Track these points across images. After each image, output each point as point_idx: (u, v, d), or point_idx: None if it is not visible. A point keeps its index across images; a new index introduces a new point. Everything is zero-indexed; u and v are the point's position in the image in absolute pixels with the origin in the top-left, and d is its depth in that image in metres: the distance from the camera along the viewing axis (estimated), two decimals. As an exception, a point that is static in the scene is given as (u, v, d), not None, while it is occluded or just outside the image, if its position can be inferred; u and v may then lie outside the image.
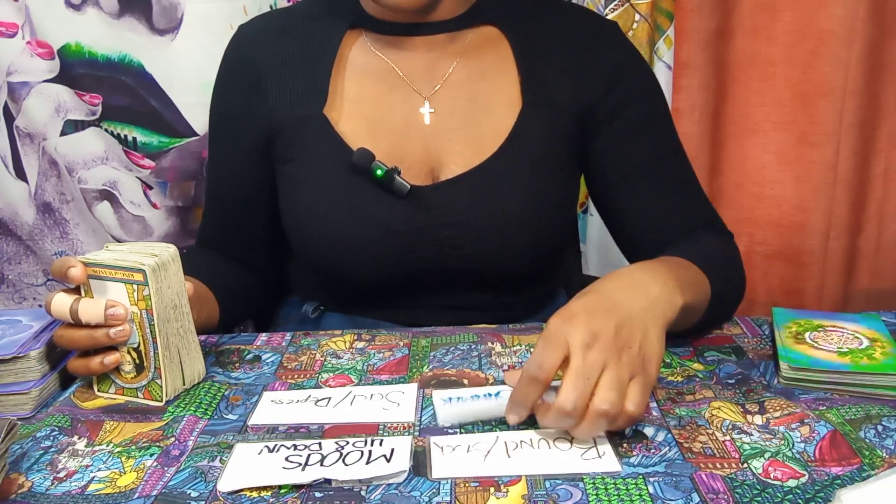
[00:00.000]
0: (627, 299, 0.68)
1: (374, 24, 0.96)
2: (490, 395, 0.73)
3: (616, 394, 0.62)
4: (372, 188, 0.91)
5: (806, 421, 0.68)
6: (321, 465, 0.64)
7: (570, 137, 0.96)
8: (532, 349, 0.82)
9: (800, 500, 0.58)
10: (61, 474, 0.65)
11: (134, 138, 1.32)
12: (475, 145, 0.93)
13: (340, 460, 0.64)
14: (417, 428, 0.69)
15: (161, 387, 0.75)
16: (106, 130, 1.32)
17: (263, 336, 0.90)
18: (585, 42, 0.96)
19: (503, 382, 0.77)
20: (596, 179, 0.99)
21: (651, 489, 0.60)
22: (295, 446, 0.66)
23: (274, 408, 0.74)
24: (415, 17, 0.93)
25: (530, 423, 0.69)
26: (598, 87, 0.95)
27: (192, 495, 0.61)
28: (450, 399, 0.73)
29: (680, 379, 0.77)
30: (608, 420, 0.63)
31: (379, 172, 0.90)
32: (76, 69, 1.29)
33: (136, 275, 0.73)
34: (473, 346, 0.85)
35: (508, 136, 0.93)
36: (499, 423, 0.69)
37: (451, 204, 0.92)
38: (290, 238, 0.99)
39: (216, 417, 0.73)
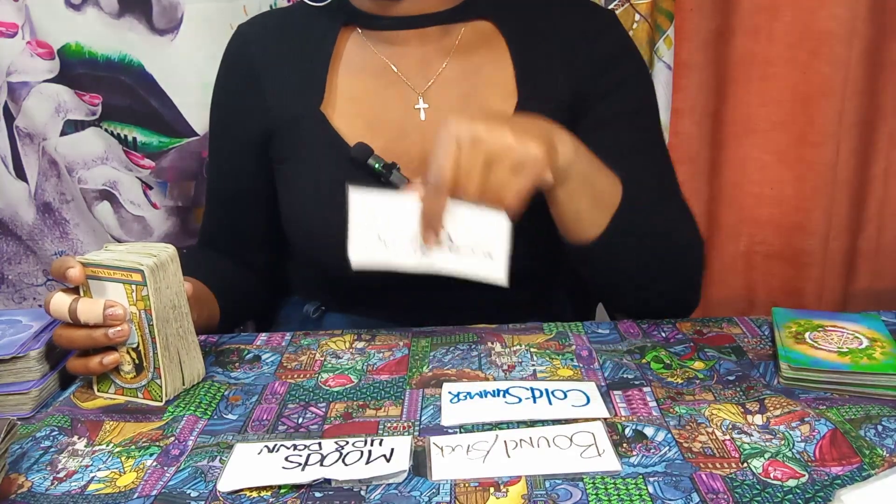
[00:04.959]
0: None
1: (365, 20, 0.96)
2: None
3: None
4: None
5: (806, 419, 0.68)
6: (321, 465, 0.64)
7: (567, 128, 0.95)
8: (532, 349, 0.83)
9: (800, 500, 0.58)
10: (61, 474, 0.65)
11: (134, 138, 1.32)
12: None
13: (340, 460, 0.64)
14: (417, 428, 0.69)
15: (161, 387, 0.75)
16: (106, 130, 1.32)
17: (263, 336, 0.90)
18: (580, 32, 0.96)
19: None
20: None
21: (651, 489, 0.60)
22: (295, 446, 0.66)
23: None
24: (400, 8, 0.93)
25: (530, 422, 0.69)
26: (590, 75, 0.94)
27: (191, 495, 0.61)
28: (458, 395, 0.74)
29: (680, 380, 0.77)
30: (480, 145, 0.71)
31: (377, 166, 0.90)
32: (76, 69, 1.28)
33: (134, 275, 0.73)
34: (473, 346, 0.85)
35: None
36: (499, 423, 0.69)
37: None
38: (288, 235, 0.99)
39: (216, 417, 0.73)
